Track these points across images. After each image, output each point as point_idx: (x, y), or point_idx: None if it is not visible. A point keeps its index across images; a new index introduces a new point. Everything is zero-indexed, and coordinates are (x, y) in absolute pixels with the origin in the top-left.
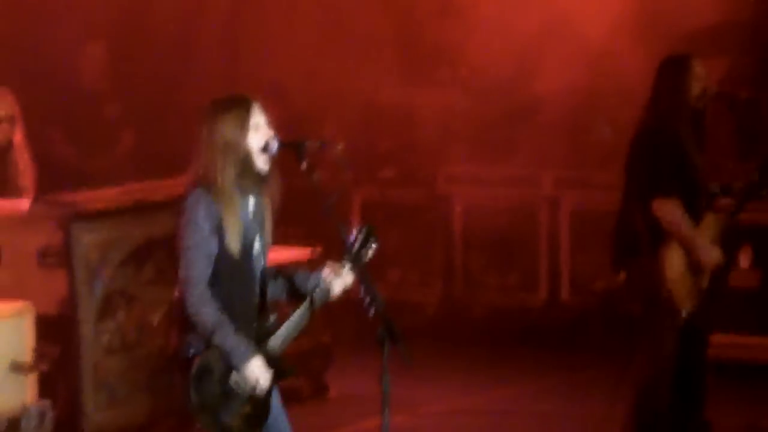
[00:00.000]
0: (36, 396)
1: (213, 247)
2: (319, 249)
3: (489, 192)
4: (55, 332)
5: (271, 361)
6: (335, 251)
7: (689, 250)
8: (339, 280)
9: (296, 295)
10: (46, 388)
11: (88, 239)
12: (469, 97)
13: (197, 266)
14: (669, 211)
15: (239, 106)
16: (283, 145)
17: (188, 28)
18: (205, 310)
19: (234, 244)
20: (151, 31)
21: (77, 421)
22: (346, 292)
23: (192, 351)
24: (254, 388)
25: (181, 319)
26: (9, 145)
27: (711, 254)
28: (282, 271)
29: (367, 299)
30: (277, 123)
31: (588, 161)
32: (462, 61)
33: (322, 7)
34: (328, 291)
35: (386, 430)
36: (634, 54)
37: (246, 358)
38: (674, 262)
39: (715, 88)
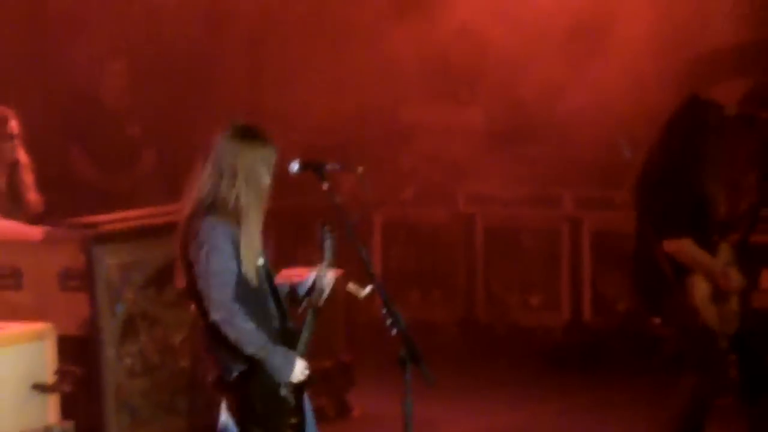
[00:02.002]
0: (59, 417)
1: (234, 269)
2: (340, 271)
3: (511, 212)
4: (78, 354)
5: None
6: (357, 272)
7: (709, 279)
8: (324, 280)
9: (293, 302)
10: (68, 409)
11: (109, 261)
12: (491, 117)
13: (227, 288)
14: (681, 250)
15: (267, 144)
16: (304, 167)
17: (210, 48)
18: (246, 327)
19: (251, 268)
20: (173, 51)
21: None
22: (367, 312)
23: (235, 372)
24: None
25: (214, 345)
26: (16, 162)
27: (730, 279)
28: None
29: (389, 319)
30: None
31: (610, 181)
32: (483, 80)
33: (344, 26)
34: (320, 292)
35: None
36: (656, 74)
37: (293, 367)
38: (700, 290)
39: (735, 108)
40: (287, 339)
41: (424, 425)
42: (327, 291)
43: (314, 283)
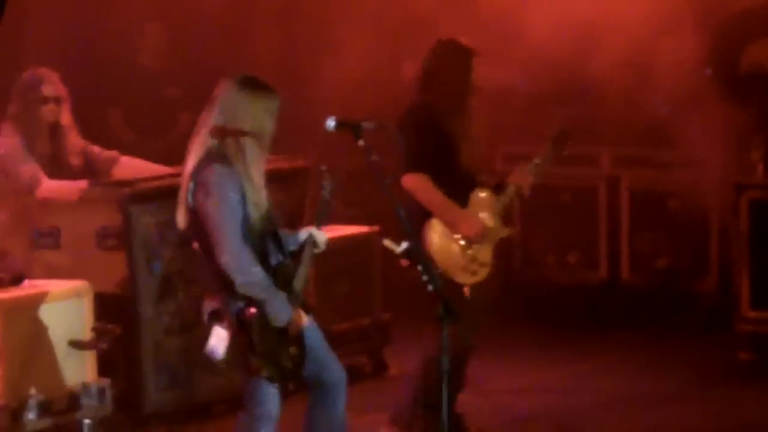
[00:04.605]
0: (96, 374)
1: (241, 214)
2: (377, 228)
3: (548, 171)
4: (116, 313)
5: (297, 300)
6: (392, 231)
7: (447, 223)
8: (321, 236)
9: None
10: (106, 367)
11: (146, 220)
12: (526, 76)
13: (237, 235)
14: (418, 185)
15: (271, 94)
16: (340, 125)
17: (246, 10)
18: (253, 270)
19: (256, 212)
20: (210, 13)
21: (138, 401)
22: (404, 270)
23: (234, 308)
24: (299, 332)
25: (216, 282)
26: (57, 125)
27: (472, 226)
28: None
29: (425, 276)
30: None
31: (647, 139)
32: (518, 39)
33: None
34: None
35: (446, 409)
36: (688, 33)
37: (290, 312)
38: (435, 237)
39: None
40: (284, 274)
41: None
42: (322, 246)
43: (308, 237)
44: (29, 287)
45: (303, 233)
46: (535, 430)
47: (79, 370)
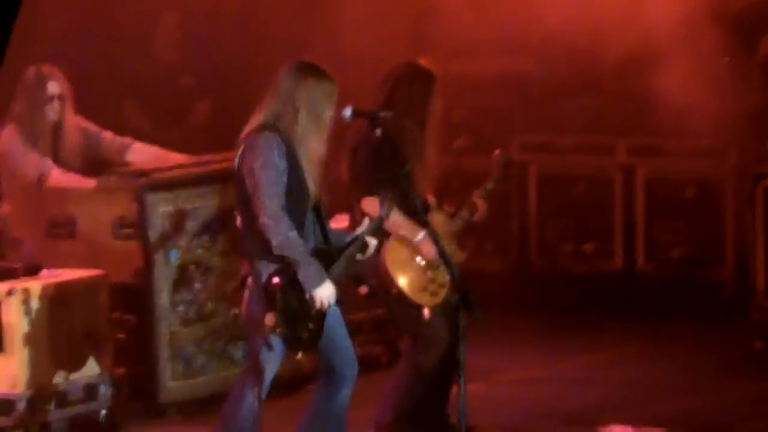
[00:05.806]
0: (112, 364)
1: (284, 182)
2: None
3: (564, 160)
4: (131, 302)
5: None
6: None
7: (408, 244)
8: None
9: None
10: (122, 356)
11: (162, 210)
12: (543, 65)
13: (277, 199)
14: (375, 207)
15: (330, 79)
16: (356, 114)
17: None
18: (289, 234)
19: (310, 186)
20: (225, 2)
21: (153, 390)
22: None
23: (265, 274)
24: (322, 306)
25: (252, 247)
26: (60, 124)
27: (430, 247)
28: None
29: (444, 267)
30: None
31: (663, 129)
32: (534, 28)
33: None
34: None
35: (462, 398)
36: (705, 21)
37: (322, 282)
38: (395, 259)
39: None
40: (323, 259)
41: (477, 373)
42: (368, 252)
43: (361, 236)
44: (45, 277)
45: (356, 233)
46: (549, 420)
47: (95, 360)
